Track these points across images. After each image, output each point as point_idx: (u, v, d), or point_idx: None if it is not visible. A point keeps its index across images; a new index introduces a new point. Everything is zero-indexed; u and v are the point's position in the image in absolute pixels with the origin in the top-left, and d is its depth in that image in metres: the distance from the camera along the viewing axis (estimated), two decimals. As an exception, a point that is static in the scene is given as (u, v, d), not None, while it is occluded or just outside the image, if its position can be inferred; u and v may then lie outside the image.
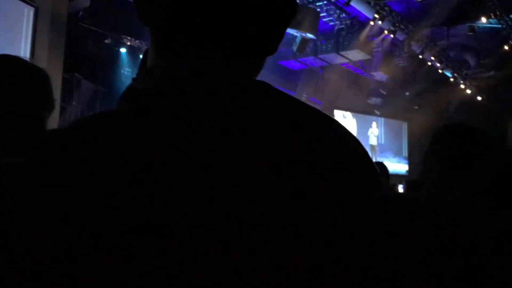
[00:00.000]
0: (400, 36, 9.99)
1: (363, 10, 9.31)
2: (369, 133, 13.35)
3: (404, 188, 6.47)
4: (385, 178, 3.26)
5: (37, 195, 0.27)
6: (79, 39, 7.96)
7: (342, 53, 10.29)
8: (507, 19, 9.56)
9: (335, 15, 10.04)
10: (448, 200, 0.34)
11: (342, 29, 10.28)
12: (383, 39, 10.17)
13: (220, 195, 0.29)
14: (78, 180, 0.28)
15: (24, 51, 5.70)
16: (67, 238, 0.26)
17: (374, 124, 13.46)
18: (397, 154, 13.68)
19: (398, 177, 10.25)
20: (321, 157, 0.34)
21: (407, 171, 13.14)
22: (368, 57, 10.49)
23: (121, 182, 0.28)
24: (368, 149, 14.56)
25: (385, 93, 12.16)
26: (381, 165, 3.42)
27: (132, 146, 0.30)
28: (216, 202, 0.28)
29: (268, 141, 0.33)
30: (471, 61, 11.64)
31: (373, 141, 13.37)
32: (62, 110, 7.23)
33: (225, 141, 0.32)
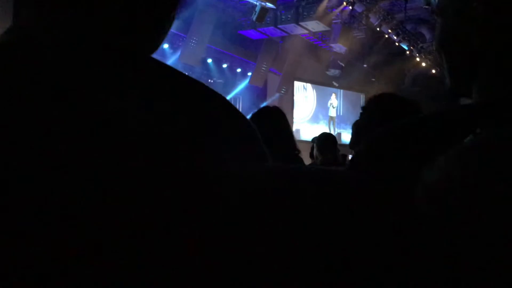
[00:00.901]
0: (359, 8, 10.05)
1: (323, -20, 9.28)
2: (328, 104, 13.50)
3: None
4: (335, 149, 3.49)
5: None
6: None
7: (302, 23, 10.26)
8: (462, -7, 9.75)
9: (295, -15, 9.98)
10: (308, 169, 0.36)
11: (302, -1, 10.24)
12: (342, 11, 10.20)
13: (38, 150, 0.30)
14: None
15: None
16: None
17: (333, 95, 13.61)
18: (355, 125, 13.95)
19: (355, 148, 10.47)
20: (177, 129, 0.33)
21: (364, 142, 13.43)
22: (327, 28, 10.51)
23: None
24: (327, 120, 14.63)
25: (343, 65, 12.27)
26: (331, 137, 3.69)
27: None
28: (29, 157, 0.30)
29: (104, 105, 0.32)
30: (427, 34, 11.87)
31: (332, 112, 13.55)
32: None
33: (50, 100, 0.32)
